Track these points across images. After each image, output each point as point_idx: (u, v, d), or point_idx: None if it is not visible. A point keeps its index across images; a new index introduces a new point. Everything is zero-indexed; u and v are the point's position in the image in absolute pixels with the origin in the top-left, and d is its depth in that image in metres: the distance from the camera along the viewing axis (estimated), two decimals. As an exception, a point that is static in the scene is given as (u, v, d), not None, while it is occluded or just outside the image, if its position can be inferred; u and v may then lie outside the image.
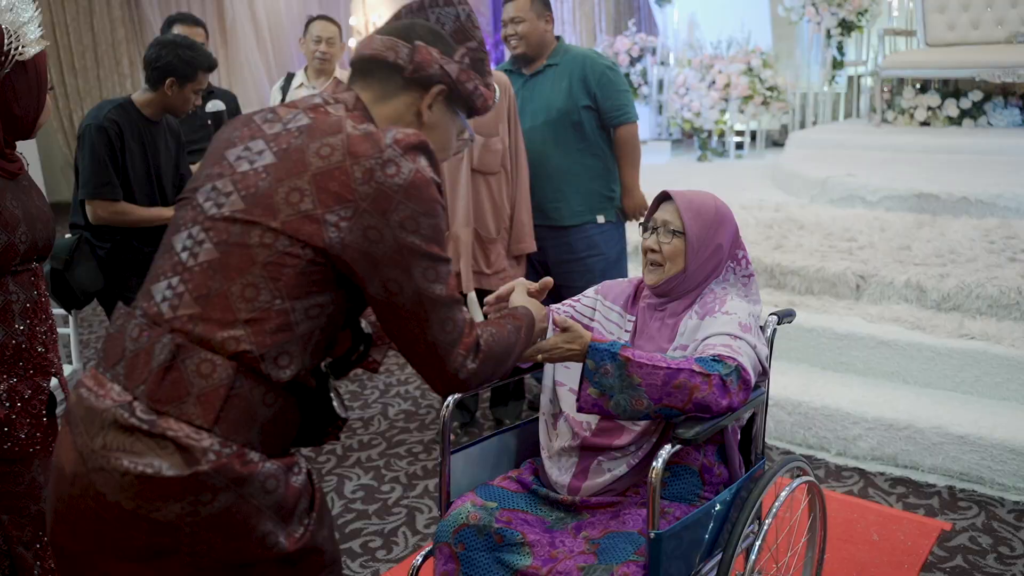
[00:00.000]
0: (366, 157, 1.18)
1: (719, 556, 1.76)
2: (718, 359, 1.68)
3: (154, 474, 1.10)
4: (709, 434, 1.62)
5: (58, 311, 3.06)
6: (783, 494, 1.85)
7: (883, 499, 2.86)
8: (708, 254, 1.86)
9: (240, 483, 1.13)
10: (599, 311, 2.00)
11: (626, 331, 1.96)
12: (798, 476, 1.96)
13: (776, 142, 7.77)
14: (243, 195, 1.20)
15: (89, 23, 8.32)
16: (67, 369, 3.15)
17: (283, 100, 4.00)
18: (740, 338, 1.74)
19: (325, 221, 1.16)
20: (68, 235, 2.92)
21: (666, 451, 1.57)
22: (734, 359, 1.68)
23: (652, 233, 1.90)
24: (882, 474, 3.02)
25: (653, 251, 1.88)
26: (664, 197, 1.93)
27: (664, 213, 1.90)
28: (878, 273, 3.61)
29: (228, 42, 9.06)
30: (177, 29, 3.63)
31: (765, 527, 1.79)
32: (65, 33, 8.20)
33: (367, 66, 1.34)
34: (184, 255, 1.21)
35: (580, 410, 1.66)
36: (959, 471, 2.91)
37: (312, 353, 1.22)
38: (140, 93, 2.87)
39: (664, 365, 1.61)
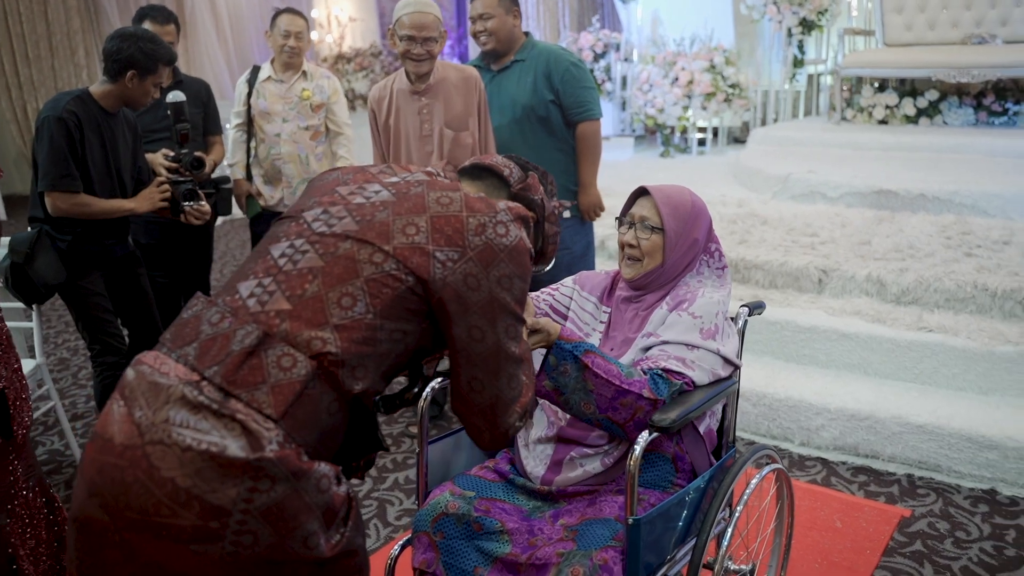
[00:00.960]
0: (481, 213, 1.29)
1: (692, 542, 1.80)
2: (666, 377, 1.72)
3: (218, 453, 1.11)
4: (685, 423, 1.66)
5: (18, 306, 3.01)
6: (754, 481, 1.89)
7: (845, 487, 2.93)
8: (685, 249, 1.90)
9: (298, 477, 1.14)
10: (575, 301, 2.03)
11: (601, 322, 1.99)
12: (767, 464, 2.00)
13: (737, 139, 7.88)
14: (357, 219, 1.28)
15: (43, 12, 8.15)
16: (30, 364, 3.10)
17: (249, 93, 3.96)
18: (698, 347, 1.78)
19: (434, 256, 1.25)
20: (29, 228, 2.87)
21: (643, 438, 1.61)
22: (683, 375, 1.74)
23: (630, 228, 1.93)
24: (844, 463, 3.09)
25: (631, 246, 1.91)
26: (641, 192, 1.96)
27: (642, 208, 1.93)
28: (840, 267, 3.69)
29: (188, 33, 8.94)
30: (147, 25, 3.55)
31: (736, 514, 1.83)
32: (18, 22, 8.02)
33: (480, 172, 1.50)
34: (282, 260, 1.26)
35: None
36: (918, 459, 3.00)
37: (382, 375, 1.27)
38: (98, 85, 2.82)
39: (617, 382, 1.67)
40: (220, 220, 6.79)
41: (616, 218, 2.01)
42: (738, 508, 1.84)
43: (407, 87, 3.11)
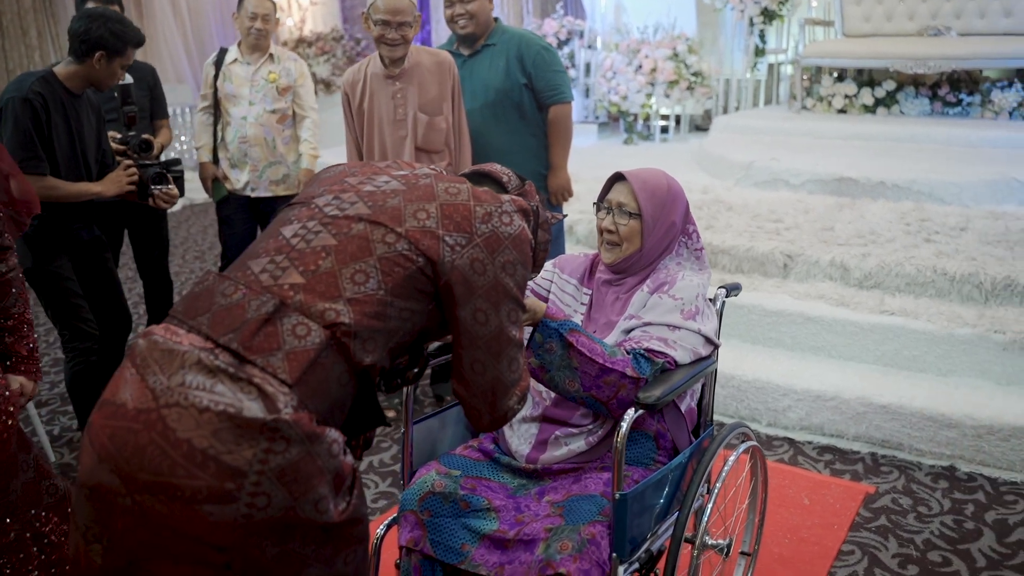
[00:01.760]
0: (488, 203, 1.36)
1: (673, 517, 1.84)
2: (649, 357, 1.76)
3: (236, 413, 1.12)
4: (669, 400, 1.70)
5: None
6: (732, 458, 1.94)
7: (812, 466, 3.01)
8: (663, 232, 1.93)
9: (312, 439, 1.16)
10: (556, 283, 2.05)
11: (582, 303, 2.02)
12: (743, 442, 2.05)
13: (699, 126, 7.96)
14: (369, 204, 1.32)
15: (-7, -9, 7.92)
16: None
17: (216, 75, 3.92)
18: (680, 328, 1.82)
19: (443, 240, 1.30)
20: None
21: (630, 415, 1.64)
22: (665, 354, 1.78)
23: (608, 214, 1.95)
24: (810, 443, 3.18)
25: (610, 231, 1.94)
26: (617, 177, 1.99)
27: (619, 194, 1.95)
28: (804, 253, 3.77)
29: (144, 14, 8.75)
30: (91, 4, 3.45)
31: (716, 490, 1.88)
32: (-34, 1, 7.78)
33: (479, 178, 1.57)
34: (295, 240, 1.30)
35: None
36: (881, 438, 3.09)
37: (389, 352, 1.31)
38: (64, 65, 2.76)
39: (601, 361, 1.71)
40: (178, 205, 6.69)
41: (593, 203, 2.03)
42: (717, 484, 1.89)
43: (381, 71, 3.11)
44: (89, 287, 3.01)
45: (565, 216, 1.77)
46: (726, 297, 2.07)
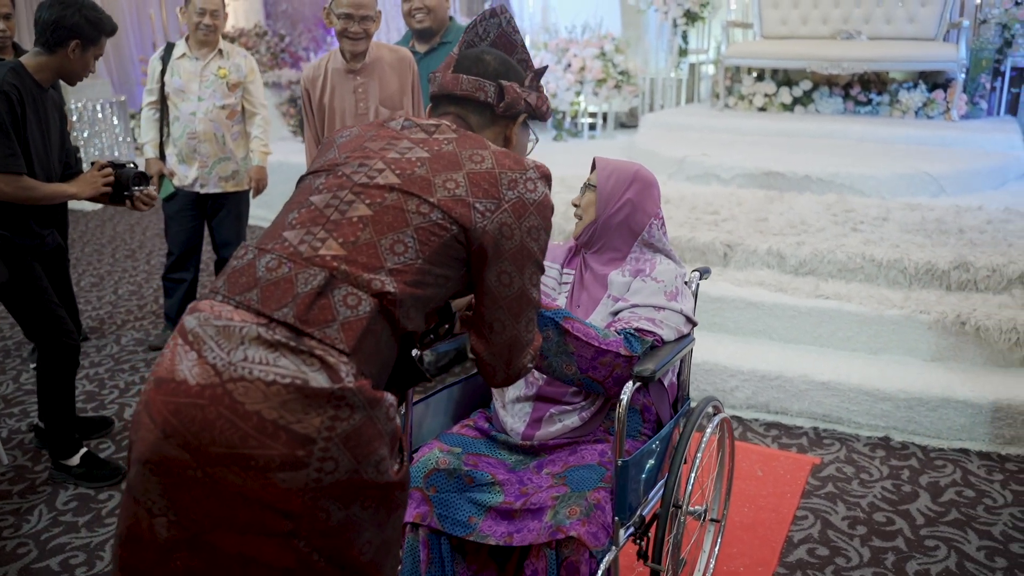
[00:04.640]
0: (512, 170, 1.40)
1: (661, 484, 1.97)
2: (639, 335, 1.89)
3: (303, 384, 1.17)
4: (664, 372, 1.83)
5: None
6: (709, 429, 2.09)
7: (760, 441, 3.21)
8: (618, 206, 2.06)
9: (373, 405, 1.23)
10: (540, 270, 2.16)
11: (563, 284, 2.14)
12: (715, 414, 2.20)
13: (624, 124, 8.19)
14: (397, 173, 1.35)
15: None
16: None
17: (163, 71, 3.88)
18: (664, 308, 1.97)
19: (474, 207, 1.35)
20: None
21: (629, 388, 1.76)
22: (653, 333, 1.91)
23: (582, 193, 2.12)
24: (757, 420, 3.38)
25: (576, 206, 2.11)
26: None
27: (590, 175, 2.11)
28: (742, 242, 3.98)
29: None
30: None
31: (698, 459, 2.02)
32: None
33: (459, 100, 1.52)
34: (328, 211, 1.33)
35: None
36: (822, 413, 3.31)
37: (425, 317, 1.37)
38: (32, 56, 2.62)
39: (596, 343, 1.83)
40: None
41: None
42: (698, 454, 2.03)
43: (342, 66, 3.15)
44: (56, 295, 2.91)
45: (547, 67, 1.76)
46: (699, 280, 2.21)
